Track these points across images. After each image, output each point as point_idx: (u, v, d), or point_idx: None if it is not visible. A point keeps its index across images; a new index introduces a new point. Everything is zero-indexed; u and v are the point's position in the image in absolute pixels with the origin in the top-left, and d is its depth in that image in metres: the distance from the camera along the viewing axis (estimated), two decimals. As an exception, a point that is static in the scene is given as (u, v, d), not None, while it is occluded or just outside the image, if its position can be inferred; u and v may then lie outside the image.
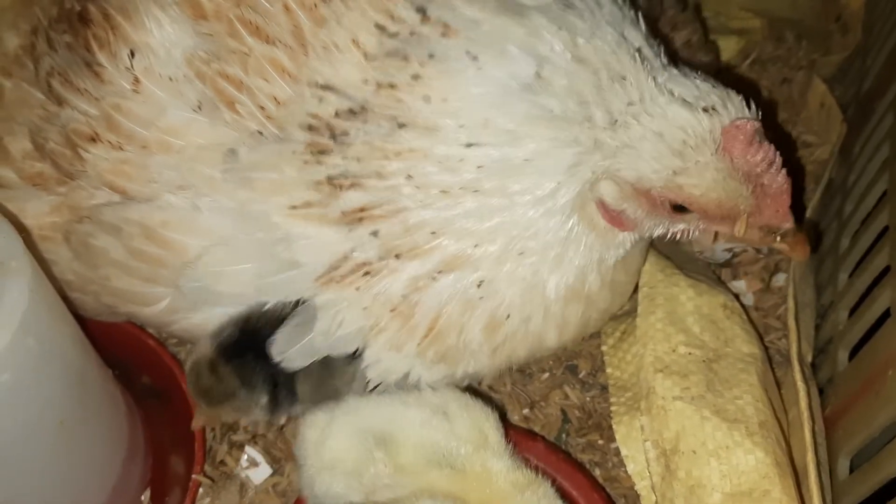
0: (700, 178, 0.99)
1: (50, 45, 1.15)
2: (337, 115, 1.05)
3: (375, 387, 1.16)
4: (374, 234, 1.06)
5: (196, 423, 1.21)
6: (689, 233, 1.11)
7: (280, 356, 1.12)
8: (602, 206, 1.08)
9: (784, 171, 1.00)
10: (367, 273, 1.08)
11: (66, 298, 1.14)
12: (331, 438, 1.09)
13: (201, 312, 1.14)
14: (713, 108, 0.98)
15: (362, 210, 1.05)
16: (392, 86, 1.03)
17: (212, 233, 1.08)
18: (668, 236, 1.13)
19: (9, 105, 1.20)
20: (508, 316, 1.12)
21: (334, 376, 1.16)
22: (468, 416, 1.10)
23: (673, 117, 0.98)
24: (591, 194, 1.06)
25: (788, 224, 1.05)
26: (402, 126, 1.03)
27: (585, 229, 1.09)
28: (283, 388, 1.18)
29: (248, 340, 1.15)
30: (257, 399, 1.18)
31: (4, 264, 0.93)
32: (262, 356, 1.15)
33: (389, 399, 1.12)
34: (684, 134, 0.97)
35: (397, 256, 1.07)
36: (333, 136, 1.05)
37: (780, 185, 1.00)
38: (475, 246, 1.06)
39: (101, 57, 1.09)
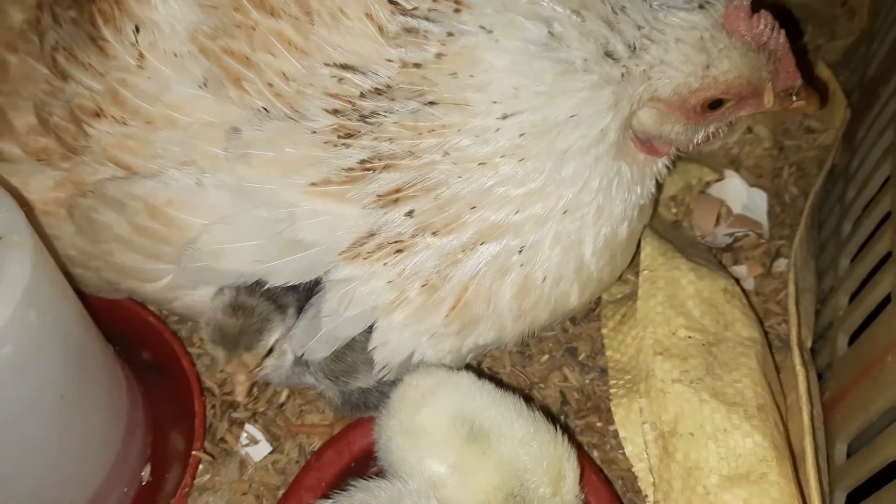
0: (730, 61, 1.04)
1: (55, 20, 1.14)
2: (362, 95, 1.05)
3: (382, 368, 1.15)
4: (410, 213, 1.06)
5: (239, 382, 1.18)
6: (720, 131, 1.16)
7: (301, 349, 1.13)
8: (638, 139, 1.11)
9: (783, 30, 1.06)
10: (398, 250, 1.08)
11: (67, 274, 1.14)
12: (428, 407, 1.05)
13: (202, 290, 1.14)
14: (707, 3, 1.04)
15: (398, 191, 1.06)
16: (417, 65, 1.03)
17: (215, 210, 1.08)
18: (703, 140, 1.16)
19: (13, 80, 1.19)
20: (545, 278, 1.13)
21: (355, 350, 1.16)
22: (554, 452, 1.05)
23: (681, 22, 1.03)
24: (629, 130, 1.09)
25: (799, 80, 1.11)
26: (432, 104, 1.03)
27: (627, 168, 1.12)
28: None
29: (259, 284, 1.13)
30: (284, 317, 1.15)
31: (6, 238, 0.93)
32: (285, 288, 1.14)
33: (504, 399, 1.08)
34: (698, 31, 1.03)
35: (434, 233, 1.07)
36: (363, 118, 1.05)
37: (784, 44, 1.07)
38: (516, 212, 1.07)
39: (106, 32, 1.09)
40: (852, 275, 1.29)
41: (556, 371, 1.40)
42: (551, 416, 1.11)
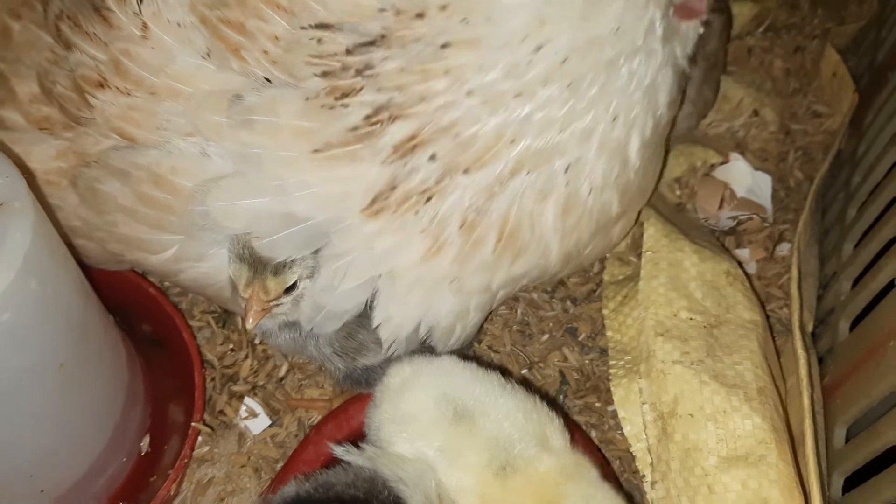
0: None
1: (59, -12, 1.13)
2: (349, 52, 1.02)
3: (391, 345, 1.14)
4: (432, 157, 1.03)
5: (253, 309, 1.12)
6: None
7: (310, 324, 1.12)
8: (677, 9, 1.06)
9: None
10: (428, 198, 1.05)
11: (69, 245, 1.14)
12: (410, 391, 1.05)
13: (208, 262, 1.13)
14: None
15: (413, 138, 1.02)
16: (420, 15, 1.00)
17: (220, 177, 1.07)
18: None
19: (17, 47, 1.18)
20: (590, 191, 1.10)
21: (368, 329, 1.14)
22: (538, 419, 1.05)
23: None
24: (669, 7, 1.05)
25: None
26: (444, 46, 1.00)
27: (673, 46, 1.08)
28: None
29: None
30: (316, 259, 1.11)
31: (7, 205, 0.92)
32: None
33: (486, 376, 1.08)
34: None
35: (465, 171, 1.04)
36: (358, 73, 1.02)
37: None
38: (560, 132, 1.03)
39: (110, 1, 1.07)
40: (856, 260, 1.29)
41: (555, 351, 1.40)
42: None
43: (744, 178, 1.55)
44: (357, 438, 1.17)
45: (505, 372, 1.34)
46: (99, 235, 1.17)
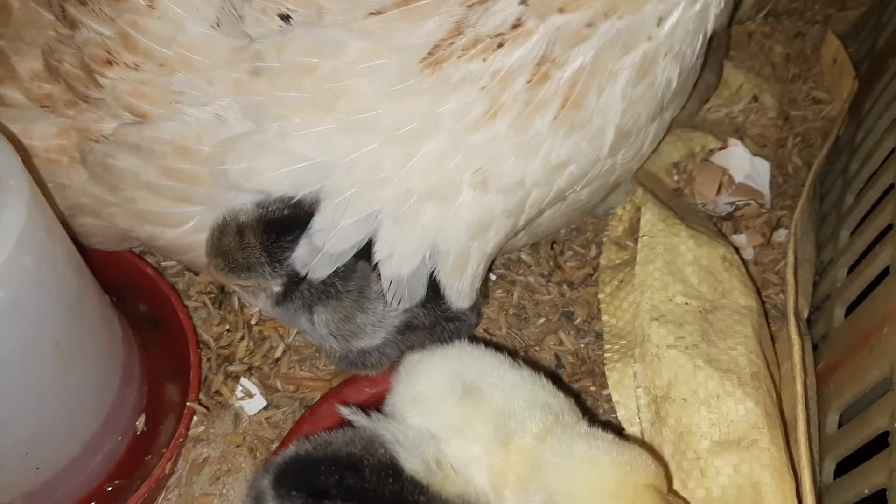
0: None
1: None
2: None
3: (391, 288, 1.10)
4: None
5: (202, 278, 1.17)
6: None
7: (304, 267, 1.10)
8: None
9: None
10: (499, 44, 0.98)
11: (65, 224, 1.14)
12: (421, 370, 1.07)
13: None
14: None
15: None
16: None
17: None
18: None
19: (16, 24, 1.17)
20: (665, 54, 1.02)
21: (366, 313, 1.14)
22: (543, 394, 1.05)
23: None
24: None
25: None
26: None
27: None
28: (302, 293, 1.14)
29: (293, 223, 1.10)
30: (272, 282, 1.13)
31: (2, 182, 0.92)
32: (289, 241, 1.10)
33: (493, 353, 1.09)
34: None
35: (561, 10, 0.96)
36: None
37: None
38: None
39: None
40: (852, 247, 1.29)
41: (551, 334, 1.41)
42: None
43: (742, 163, 1.55)
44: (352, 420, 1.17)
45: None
46: (109, 212, 1.17)
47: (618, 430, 1.26)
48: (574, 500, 0.96)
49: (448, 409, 1.03)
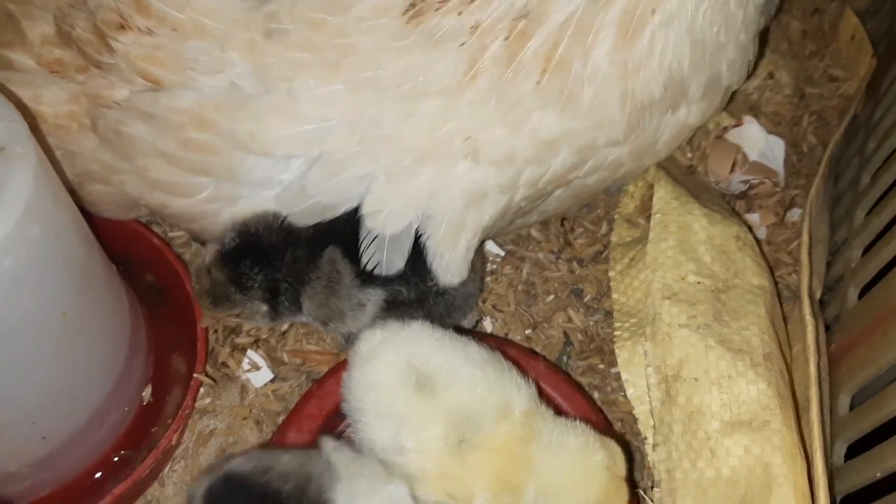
0: None
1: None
2: None
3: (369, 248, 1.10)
4: None
5: (202, 323, 1.22)
6: None
7: (288, 210, 1.11)
8: None
9: None
10: None
11: (72, 193, 1.12)
12: (376, 359, 1.04)
13: (241, 203, 1.12)
14: None
15: None
16: None
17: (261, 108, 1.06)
18: None
19: None
20: (653, 11, 0.96)
21: (340, 297, 1.15)
22: (502, 389, 1.03)
23: None
24: None
25: None
26: None
27: None
28: (286, 298, 1.17)
29: (246, 246, 1.14)
30: (255, 307, 1.18)
31: (9, 150, 0.90)
32: (260, 262, 1.15)
33: (453, 345, 1.05)
34: None
35: None
36: None
37: None
38: None
39: None
40: (867, 227, 1.27)
41: (560, 312, 1.39)
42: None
43: (756, 141, 1.52)
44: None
45: (507, 335, 1.35)
46: (119, 179, 1.16)
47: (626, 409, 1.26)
48: (562, 492, 0.97)
49: (401, 402, 1.02)
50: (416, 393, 1.01)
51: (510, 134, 1.05)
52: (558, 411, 1.13)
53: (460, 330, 1.11)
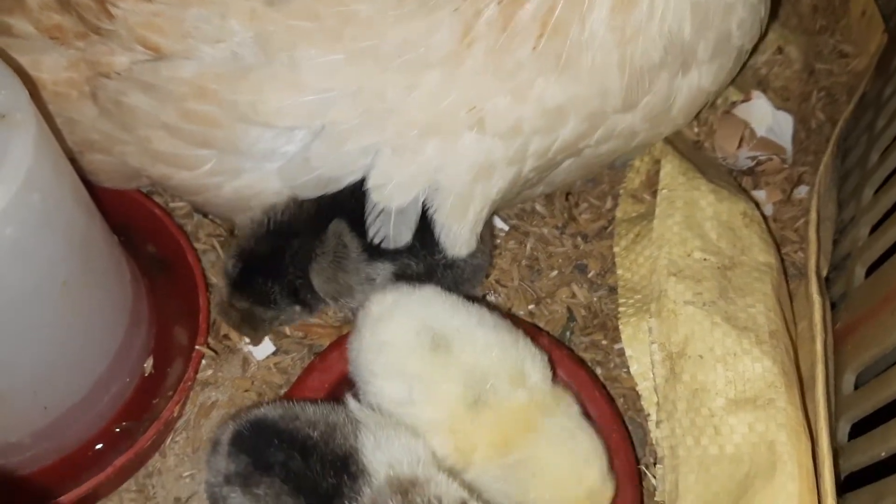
0: None
1: None
2: None
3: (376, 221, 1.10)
4: None
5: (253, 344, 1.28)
6: None
7: (289, 183, 1.10)
8: None
9: None
10: None
11: (73, 161, 1.11)
12: (389, 320, 1.04)
13: (244, 177, 1.11)
14: None
15: None
16: None
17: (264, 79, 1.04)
18: None
19: None
20: None
21: (348, 272, 1.14)
22: (516, 354, 1.04)
23: None
24: None
25: None
26: None
27: None
28: (305, 291, 1.17)
29: (251, 265, 1.16)
30: (289, 311, 1.20)
31: (9, 117, 0.88)
32: (270, 273, 1.16)
33: (466, 308, 1.06)
34: None
35: None
36: None
37: None
38: None
39: None
40: (876, 206, 1.26)
41: (564, 287, 1.39)
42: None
43: (765, 117, 1.51)
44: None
45: (510, 310, 1.35)
46: (121, 150, 1.14)
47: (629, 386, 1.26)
48: (543, 477, 0.98)
49: (415, 361, 1.02)
50: (430, 351, 1.01)
51: (514, 102, 1.03)
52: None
53: (468, 298, 1.11)
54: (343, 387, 1.11)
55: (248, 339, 1.29)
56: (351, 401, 1.04)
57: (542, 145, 1.09)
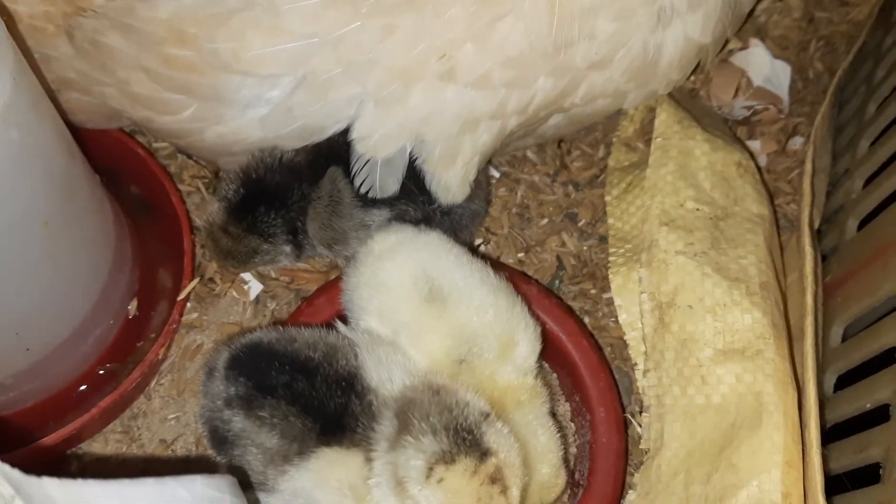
0: None
1: None
2: None
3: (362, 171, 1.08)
4: None
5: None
6: None
7: (270, 132, 1.08)
8: None
9: None
10: None
11: (53, 99, 1.08)
12: (390, 261, 1.03)
13: (223, 126, 1.08)
14: None
15: None
16: None
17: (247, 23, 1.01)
18: None
19: None
20: None
21: (343, 217, 1.13)
22: (508, 320, 1.03)
23: None
24: None
25: None
26: None
27: None
28: (302, 233, 1.16)
29: (255, 193, 1.13)
30: (280, 249, 1.17)
31: (-16, 50, 0.86)
32: (274, 205, 1.13)
33: (470, 264, 1.04)
34: None
35: None
36: None
37: None
38: None
39: None
40: (871, 158, 1.24)
41: (554, 236, 1.37)
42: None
43: (762, 66, 1.48)
44: (350, 313, 1.16)
45: (499, 258, 1.33)
46: (99, 90, 1.11)
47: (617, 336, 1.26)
48: None
49: (408, 308, 1.01)
50: (424, 302, 1.00)
51: (479, 50, 1.02)
52: (550, 336, 1.13)
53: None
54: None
55: (223, 272, 1.26)
56: (340, 325, 1.04)
57: (520, 103, 1.08)
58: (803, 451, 1.01)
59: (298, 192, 1.13)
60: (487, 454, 0.88)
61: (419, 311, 1.01)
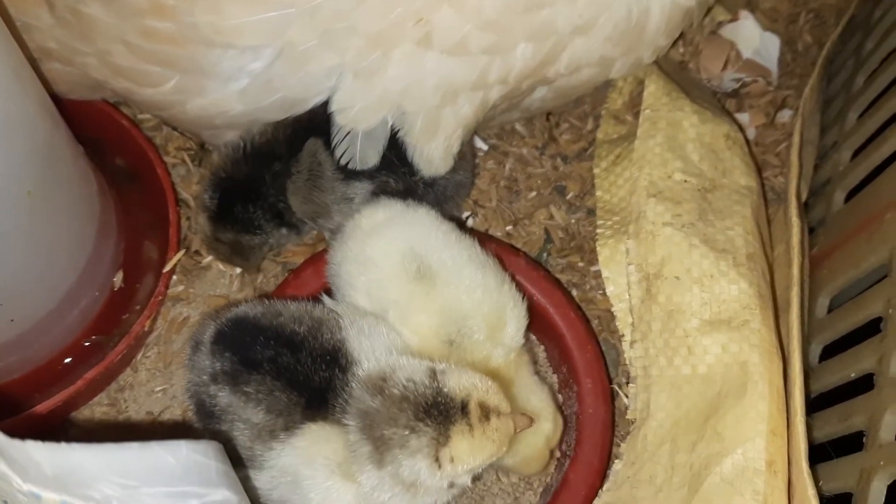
0: None
1: None
2: None
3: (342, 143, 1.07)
4: None
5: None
6: None
7: (250, 105, 1.07)
8: None
9: None
10: None
11: (36, 70, 1.06)
12: (379, 237, 1.02)
13: (204, 98, 1.07)
14: None
15: None
16: None
17: None
18: None
19: None
20: None
21: (324, 191, 1.12)
22: (497, 300, 1.02)
23: None
24: None
25: None
26: None
27: None
28: (289, 213, 1.15)
29: (227, 193, 1.13)
30: (277, 235, 1.17)
31: (-37, 14, 0.84)
32: (249, 198, 1.13)
33: (458, 241, 1.03)
34: None
35: None
36: None
37: None
38: None
39: None
40: (859, 130, 1.24)
41: (542, 208, 1.37)
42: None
43: (751, 38, 1.47)
44: (336, 285, 1.15)
45: (487, 230, 1.33)
46: (81, 61, 1.09)
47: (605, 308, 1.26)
48: None
49: (396, 286, 1.00)
50: (413, 281, 1.00)
51: (456, 12, 1.00)
52: (538, 308, 1.13)
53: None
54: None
55: (240, 270, 1.27)
56: (326, 298, 1.03)
57: (501, 72, 1.06)
58: (788, 419, 1.02)
59: (270, 175, 1.12)
60: (465, 404, 0.87)
61: (407, 288, 1.00)
